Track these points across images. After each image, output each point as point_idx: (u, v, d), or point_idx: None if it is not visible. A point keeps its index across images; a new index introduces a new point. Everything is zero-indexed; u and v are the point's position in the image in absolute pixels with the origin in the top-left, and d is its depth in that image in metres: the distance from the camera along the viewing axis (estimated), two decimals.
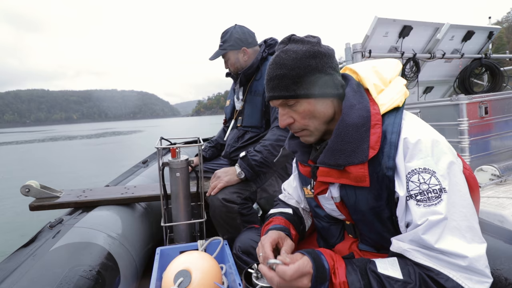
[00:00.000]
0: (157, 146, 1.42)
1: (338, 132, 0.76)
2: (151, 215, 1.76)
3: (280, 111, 0.82)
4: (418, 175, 0.68)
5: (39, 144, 22.51)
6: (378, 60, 0.89)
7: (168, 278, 0.99)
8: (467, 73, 3.21)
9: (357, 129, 0.74)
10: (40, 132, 61.33)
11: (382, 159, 0.72)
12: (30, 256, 1.06)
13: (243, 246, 1.12)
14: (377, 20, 2.46)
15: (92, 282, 0.97)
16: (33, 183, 1.55)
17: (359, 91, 0.80)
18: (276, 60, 0.80)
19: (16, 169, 9.72)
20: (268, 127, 1.77)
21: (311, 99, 0.78)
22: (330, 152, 0.77)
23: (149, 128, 48.02)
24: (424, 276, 0.63)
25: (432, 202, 0.65)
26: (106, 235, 1.28)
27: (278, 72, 0.78)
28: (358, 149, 0.73)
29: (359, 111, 0.75)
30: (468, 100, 2.08)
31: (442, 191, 0.65)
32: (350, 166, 0.74)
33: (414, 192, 0.68)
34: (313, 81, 0.77)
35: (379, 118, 0.74)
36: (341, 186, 0.81)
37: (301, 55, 0.77)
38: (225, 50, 1.76)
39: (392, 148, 0.71)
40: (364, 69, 0.85)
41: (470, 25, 3.03)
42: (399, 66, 0.86)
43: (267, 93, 0.83)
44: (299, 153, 0.93)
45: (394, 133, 0.72)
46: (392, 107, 0.76)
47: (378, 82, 0.81)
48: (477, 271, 0.62)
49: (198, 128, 33.06)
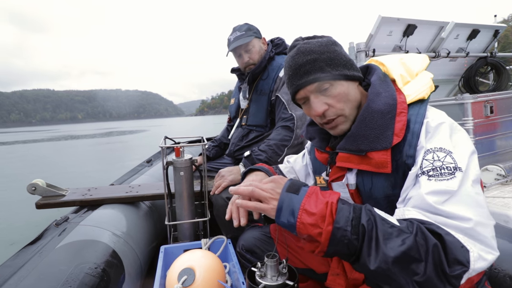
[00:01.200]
0: (161, 145, 1.43)
1: (362, 118, 0.77)
2: (155, 214, 1.77)
3: (313, 99, 0.80)
4: (433, 153, 0.67)
5: (45, 144, 22.73)
6: (406, 54, 0.90)
7: (172, 276, 1.00)
8: (472, 72, 3.18)
9: (382, 115, 0.74)
10: (45, 131, 61.91)
11: (403, 147, 0.72)
12: (37, 253, 1.07)
13: (247, 245, 1.12)
14: (381, 19, 2.45)
15: (97, 280, 0.98)
16: (39, 182, 1.57)
17: (385, 81, 0.81)
18: (301, 50, 0.79)
19: (23, 168, 9.82)
20: (273, 127, 1.78)
21: (344, 82, 0.79)
22: (352, 138, 0.77)
23: (153, 127, 48.26)
24: (423, 228, 0.58)
25: (444, 177, 0.62)
26: (111, 233, 1.29)
27: (308, 58, 0.78)
28: (382, 135, 0.73)
29: (385, 99, 0.76)
30: (473, 99, 2.06)
31: (457, 169, 0.63)
32: (372, 152, 0.74)
33: (427, 169, 0.66)
34: (343, 64, 0.79)
35: (405, 107, 0.75)
36: (357, 173, 0.81)
37: (325, 43, 0.80)
38: (251, 36, 1.72)
39: (415, 137, 0.71)
40: (391, 60, 0.86)
41: (475, 24, 3.00)
42: (426, 60, 0.87)
43: (297, 82, 0.80)
44: (317, 139, 0.93)
45: (418, 123, 0.72)
46: (417, 98, 0.76)
47: (404, 74, 0.82)
48: (482, 238, 0.57)
49: (202, 128, 33.13)
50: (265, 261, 0.74)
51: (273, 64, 1.81)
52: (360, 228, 0.59)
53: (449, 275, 0.54)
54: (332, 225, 0.60)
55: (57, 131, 62.02)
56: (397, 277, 0.56)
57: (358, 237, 0.59)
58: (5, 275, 0.93)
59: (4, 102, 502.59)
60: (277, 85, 1.75)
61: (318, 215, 0.62)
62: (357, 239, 0.59)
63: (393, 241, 0.57)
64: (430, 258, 0.55)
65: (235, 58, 1.83)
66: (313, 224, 0.61)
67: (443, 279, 0.54)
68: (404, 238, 0.56)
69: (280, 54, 1.87)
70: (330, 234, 0.60)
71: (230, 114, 2.09)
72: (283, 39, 1.91)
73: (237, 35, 1.72)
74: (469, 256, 0.55)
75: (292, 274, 0.76)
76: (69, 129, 76.05)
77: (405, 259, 0.55)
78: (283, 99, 1.69)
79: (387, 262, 0.55)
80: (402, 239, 0.56)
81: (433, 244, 0.55)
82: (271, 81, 1.77)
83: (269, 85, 1.76)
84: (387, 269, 0.56)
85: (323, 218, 0.61)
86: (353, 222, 0.60)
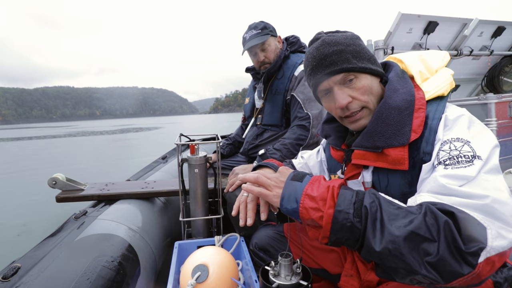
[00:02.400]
0: (177, 142, 1.45)
1: (379, 114, 0.75)
2: (169, 210, 1.80)
3: (337, 90, 0.78)
4: (450, 143, 0.65)
5: (65, 139, 23.50)
6: (425, 51, 0.88)
7: (186, 272, 1.01)
8: (497, 71, 3.06)
9: (399, 112, 0.73)
10: (65, 127, 63.97)
11: (420, 143, 0.70)
12: (57, 245, 1.11)
13: (260, 243, 1.12)
14: (401, 16, 2.39)
15: (114, 273, 1.01)
16: (59, 176, 1.62)
17: (403, 77, 0.80)
18: (326, 41, 0.79)
19: (44, 162, 10.19)
20: (288, 126, 1.77)
21: (368, 76, 0.78)
22: (368, 134, 0.76)
23: (168, 124, 49.01)
24: (432, 207, 0.54)
25: (461, 165, 0.59)
26: (127, 227, 1.32)
27: (334, 49, 0.77)
28: (399, 131, 0.71)
29: (402, 95, 0.75)
30: (497, 100, 1.99)
31: (476, 158, 0.59)
32: (389, 149, 0.73)
33: (443, 159, 0.63)
34: (368, 58, 0.79)
35: (424, 103, 0.73)
36: (373, 171, 0.80)
37: (350, 36, 0.80)
38: (268, 34, 1.71)
39: (432, 133, 0.69)
40: (410, 57, 0.85)
41: (501, 21, 2.88)
42: (447, 57, 0.84)
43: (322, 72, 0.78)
44: (332, 137, 0.93)
45: (436, 119, 0.70)
46: (436, 95, 0.74)
47: (423, 70, 0.80)
48: (500, 215, 0.52)
49: (216, 125, 33.38)
50: (279, 260, 0.74)
51: (288, 63, 1.79)
52: (363, 210, 0.57)
53: (464, 252, 0.49)
54: (334, 208, 0.59)
55: (76, 127, 64.00)
56: (407, 259, 0.52)
57: (361, 219, 0.57)
58: (27, 266, 0.96)
59: (27, 98, 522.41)
60: (292, 84, 1.74)
61: (319, 198, 0.61)
62: (360, 221, 0.57)
63: (399, 221, 0.54)
64: (442, 236, 0.51)
65: (250, 57, 1.82)
66: (315, 208, 0.61)
67: (458, 257, 0.50)
68: (412, 218, 0.53)
69: (295, 53, 1.85)
70: (332, 217, 0.59)
71: (245, 114, 2.09)
72: (298, 37, 1.89)
73: (252, 33, 1.71)
74: (486, 233, 0.50)
75: (305, 274, 0.75)
76: (88, 125, 78.31)
77: (414, 238, 0.52)
78: (299, 98, 1.67)
79: (394, 242, 0.52)
80: (409, 219, 0.53)
81: (443, 222, 0.51)
82: (286, 80, 1.75)
83: (284, 84, 1.75)
84: (394, 249, 0.52)
85: (324, 202, 0.60)
86: (355, 205, 0.58)
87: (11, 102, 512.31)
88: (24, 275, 0.91)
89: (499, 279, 0.78)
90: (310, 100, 1.67)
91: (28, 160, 11.20)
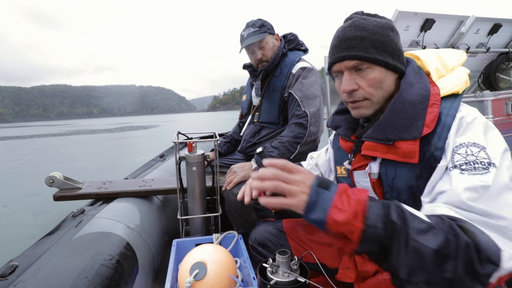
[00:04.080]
0: (174, 141, 1.45)
1: (393, 107, 0.76)
2: (167, 208, 1.80)
3: (346, 75, 0.79)
4: (467, 148, 0.65)
5: (62, 138, 23.40)
6: (443, 49, 0.89)
7: (184, 270, 1.01)
8: (493, 68, 3.07)
9: (414, 106, 0.73)
10: (63, 126, 63.64)
11: (432, 139, 0.71)
12: (55, 244, 1.11)
13: (259, 238, 1.13)
14: (398, 13, 2.39)
15: (112, 271, 1.01)
16: (57, 175, 1.62)
17: (419, 73, 0.80)
18: (355, 24, 0.78)
19: (41, 161, 10.14)
20: (285, 124, 1.77)
21: (383, 69, 0.78)
22: (380, 127, 0.77)
23: (166, 123, 48.89)
24: (454, 225, 0.56)
25: (478, 171, 0.61)
26: (125, 226, 1.32)
27: (358, 33, 0.77)
28: (412, 125, 0.72)
29: (418, 90, 0.75)
30: (493, 97, 2.00)
31: (491, 165, 0.62)
32: (400, 142, 0.73)
33: (459, 163, 0.64)
34: (390, 51, 0.78)
35: (438, 99, 0.74)
36: (381, 163, 0.80)
37: (382, 24, 0.78)
38: (266, 32, 1.71)
39: (445, 129, 0.70)
40: (427, 54, 0.86)
41: (497, 18, 2.89)
42: (464, 56, 0.85)
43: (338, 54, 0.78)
44: (343, 127, 0.93)
45: (450, 116, 0.71)
46: (451, 92, 0.75)
47: (440, 67, 0.81)
48: None
49: (214, 123, 33.33)
50: (276, 257, 0.75)
51: (286, 60, 1.79)
52: (391, 225, 0.58)
53: (479, 274, 0.53)
54: (364, 223, 0.58)
55: (74, 125, 63.66)
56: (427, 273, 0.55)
57: (388, 233, 0.57)
58: (24, 264, 0.96)
59: (24, 97, 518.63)
60: (290, 81, 1.74)
61: (350, 212, 0.59)
62: (387, 236, 0.57)
63: (423, 238, 0.55)
64: (461, 255, 0.53)
65: (248, 54, 1.82)
66: (345, 222, 0.59)
67: (473, 277, 0.53)
68: (435, 233, 0.55)
69: (293, 50, 1.85)
70: (362, 231, 0.58)
71: (242, 111, 2.09)
72: (296, 34, 1.89)
73: (250, 31, 1.71)
74: (500, 255, 0.54)
75: (303, 270, 0.76)
76: (85, 123, 77.93)
77: (435, 256, 0.54)
78: (296, 96, 1.67)
79: (418, 258, 0.54)
80: (433, 235, 0.55)
81: (465, 242, 0.54)
82: (283, 77, 1.75)
83: (282, 81, 1.75)
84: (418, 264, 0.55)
85: (355, 215, 0.59)
86: (384, 219, 0.58)
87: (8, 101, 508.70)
88: (22, 273, 0.91)
89: None
90: (307, 98, 1.67)
91: (26, 158, 11.15)
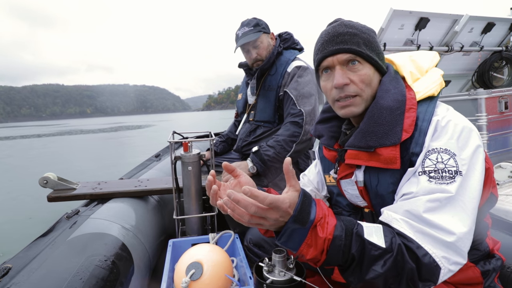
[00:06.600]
0: (170, 140, 1.44)
1: (371, 114, 0.77)
2: (163, 208, 1.79)
3: (338, 69, 0.78)
4: (438, 154, 0.67)
5: (55, 138, 23.14)
6: (415, 51, 0.91)
7: (180, 270, 1.01)
8: (487, 67, 3.10)
9: (391, 112, 0.74)
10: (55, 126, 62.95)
11: (410, 144, 0.72)
12: (49, 245, 1.09)
13: (255, 239, 1.12)
14: (393, 12, 2.40)
15: (107, 272, 1.00)
16: (50, 175, 1.60)
17: (395, 78, 0.81)
18: (344, 23, 0.80)
19: (34, 162, 10.03)
20: (281, 122, 1.77)
21: (372, 67, 0.79)
22: (361, 134, 0.77)
23: (161, 122, 48.62)
24: (403, 248, 0.63)
25: (444, 181, 0.65)
26: (120, 226, 1.31)
27: (349, 30, 0.78)
28: (391, 131, 0.73)
29: (394, 95, 0.76)
30: (487, 95, 2.02)
31: (458, 174, 0.65)
32: (381, 148, 0.74)
33: (428, 169, 0.67)
34: (377, 51, 0.80)
35: (415, 103, 0.74)
36: (365, 170, 0.81)
37: (367, 27, 0.81)
38: (260, 32, 1.71)
39: (422, 135, 0.71)
40: (401, 58, 0.86)
41: (491, 17, 2.91)
42: (436, 57, 0.86)
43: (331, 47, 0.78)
44: (325, 137, 0.93)
45: (426, 120, 0.72)
46: (426, 95, 0.75)
47: (414, 71, 0.82)
48: (459, 251, 0.62)
49: (209, 123, 33.25)
50: (272, 256, 0.74)
51: (281, 59, 1.79)
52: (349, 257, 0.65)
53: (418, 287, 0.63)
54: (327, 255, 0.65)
55: (67, 125, 63.05)
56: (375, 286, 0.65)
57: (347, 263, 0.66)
58: (18, 267, 0.95)
59: (15, 96, 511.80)
60: (285, 80, 1.74)
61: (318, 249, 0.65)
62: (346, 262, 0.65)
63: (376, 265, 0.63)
64: (405, 276, 0.62)
65: (243, 53, 1.82)
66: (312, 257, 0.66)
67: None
68: (386, 260, 0.62)
69: (288, 49, 1.85)
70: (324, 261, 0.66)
71: (238, 110, 2.09)
72: (291, 33, 1.89)
73: (245, 30, 1.70)
74: (439, 273, 0.61)
75: (299, 269, 0.76)
76: (78, 123, 77.23)
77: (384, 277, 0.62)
78: (292, 95, 1.67)
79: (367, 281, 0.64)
80: (384, 260, 0.62)
81: (409, 268, 0.62)
82: (279, 76, 1.75)
83: (277, 80, 1.75)
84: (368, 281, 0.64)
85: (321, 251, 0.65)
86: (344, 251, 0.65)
87: None
88: (15, 275, 0.90)
89: (487, 269, 0.80)
90: (303, 97, 1.67)
91: (19, 159, 11.01)
